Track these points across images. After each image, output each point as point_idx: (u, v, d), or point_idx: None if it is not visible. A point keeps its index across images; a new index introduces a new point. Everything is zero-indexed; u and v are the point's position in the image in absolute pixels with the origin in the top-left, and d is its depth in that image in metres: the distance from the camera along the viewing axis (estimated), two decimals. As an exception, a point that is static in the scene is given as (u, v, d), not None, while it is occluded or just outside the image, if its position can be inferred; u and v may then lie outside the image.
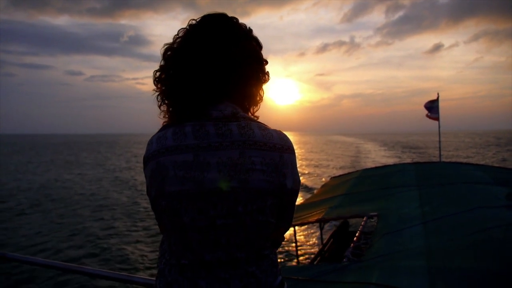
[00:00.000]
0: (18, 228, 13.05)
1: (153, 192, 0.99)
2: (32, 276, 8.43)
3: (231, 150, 0.93)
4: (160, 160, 0.96)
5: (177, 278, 0.98)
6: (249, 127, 0.97)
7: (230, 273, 0.96)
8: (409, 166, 9.36)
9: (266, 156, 0.95)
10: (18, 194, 20.06)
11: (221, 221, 0.94)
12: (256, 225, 0.97)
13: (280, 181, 0.98)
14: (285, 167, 0.99)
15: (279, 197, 1.00)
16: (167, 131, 0.99)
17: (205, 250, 0.95)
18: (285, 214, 1.09)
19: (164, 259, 1.03)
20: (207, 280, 0.95)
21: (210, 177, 0.92)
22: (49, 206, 16.82)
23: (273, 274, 1.03)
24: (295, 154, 1.05)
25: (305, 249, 9.97)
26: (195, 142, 0.94)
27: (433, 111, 10.69)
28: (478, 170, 7.83)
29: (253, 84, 1.07)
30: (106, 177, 28.03)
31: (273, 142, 0.97)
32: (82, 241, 11.36)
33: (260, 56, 1.08)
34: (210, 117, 0.97)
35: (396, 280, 3.38)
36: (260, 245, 1.00)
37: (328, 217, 5.82)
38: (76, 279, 8.17)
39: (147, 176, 1.00)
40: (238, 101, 1.04)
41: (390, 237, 4.58)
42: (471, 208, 5.16)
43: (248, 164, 0.93)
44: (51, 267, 2.04)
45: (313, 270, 4.11)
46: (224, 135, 0.95)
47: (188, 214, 0.94)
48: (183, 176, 0.93)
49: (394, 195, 6.39)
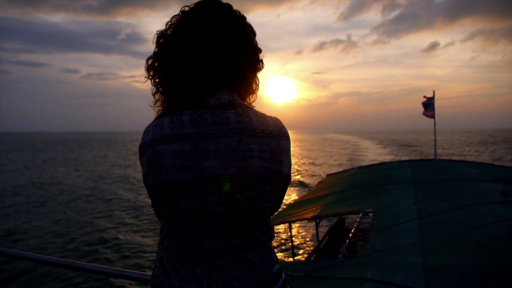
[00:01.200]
0: (31, 223, 13.21)
1: (150, 181, 0.98)
2: (25, 271, 8.46)
3: (229, 138, 0.93)
4: (156, 149, 0.95)
5: (175, 265, 0.97)
6: (246, 114, 0.97)
7: (228, 260, 0.96)
8: (404, 164, 9.40)
9: (264, 143, 0.96)
10: (32, 189, 20.71)
11: (218, 208, 0.94)
12: (254, 211, 0.97)
13: (277, 167, 0.98)
14: (282, 154, 1.00)
15: (276, 183, 1.00)
16: (163, 120, 0.97)
17: (202, 237, 0.95)
18: (277, 200, 1.10)
19: (163, 246, 1.03)
20: (204, 268, 0.95)
21: (208, 165, 0.92)
22: (63, 201, 17.25)
23: (270, 261, 1.03)
24: (290, 140, 1.05)
25: (301, 246, 9.99)
26: (193, 130, 0.93)
27: (429, 109, 10.73)
28: (473, 168, 7.87)
29: (248, 71, 1.06)
30: (112, 173, 28.68)
31: (270, 129, 0.98)
32: (95, 238, 11.48)
33: (254, 44, 1.07)
34: (207, 105, 0.96)
35: (391, 276, 3.37)
36: (257, 232, 1.00)
37: (323, 214, 5.83)
38: (68, 274, 8.22)
39: (144, 165, 0.99)
40: (234, 89, 1.04)
41: (385, 233, 4.58)
42: (466, 205, 5.18)
43: (246, 151, 0.93)
44: (45, 262, 2.01)
45: (308, 266, 4.11)
46: (221, 122, 0.94)
47: (185, 202, 0.93)
48: (180, 165, 0.92)
49: (390, 192, 6.40)
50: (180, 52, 0.97)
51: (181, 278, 0.96)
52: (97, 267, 1.82)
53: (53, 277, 8.27)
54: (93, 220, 13.65)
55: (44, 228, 12.57)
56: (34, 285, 7.98)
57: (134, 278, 1.64)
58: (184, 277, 0.96)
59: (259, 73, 1.10)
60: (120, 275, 1.67)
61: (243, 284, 0.96)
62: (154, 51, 1.01)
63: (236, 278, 0.95)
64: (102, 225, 12.89)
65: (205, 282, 0.94)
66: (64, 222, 13.33)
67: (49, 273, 8.37)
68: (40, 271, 8.45)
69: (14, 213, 14.94)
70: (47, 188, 21.29)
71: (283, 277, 1.07)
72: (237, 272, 0.96)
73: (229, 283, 0.95)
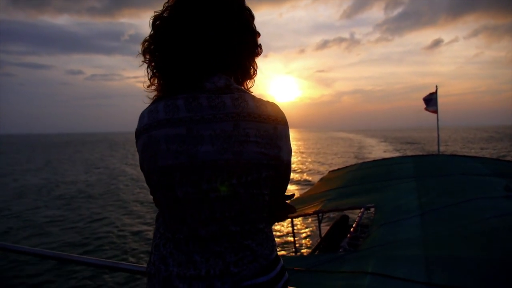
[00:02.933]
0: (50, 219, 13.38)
1: (146, 166, 0.97)
2: (17, 264, 8.54)
3: (225, 122, 0.91)
4: (152, 134, 0.93)
5: (172, 251, 0.96)
6: (243, 99, 0.95)
7: (225, 246, 0.94)
8: (407, 159, 9.35)
9: (261, 127, 0.93)
10: (71, 187, 21.41)
11: (214, 194, 0.92)
12: (251, 197, 0.95)
13: (275, 153, 0.96)
14: (280, 139, 0.97)
15: (274, 169, 0.98)
16: (158, 104, 0.95)
17: (199, 224, 0.94)
18: (280, 188, 1.07)
19: (159, 233, 1.01)
20: (202, 254, 0.94)
21: (203, 150, 0.90)
22: (82, 199, 17.51)
23: (269, 247, 1.01)
24: (288, 126, 1.02)
25: (304, 242, 9.95)
26: (188, 115, 0.92)
27: (432, 104, 10.64)
28: (477, 162, 7.82)
29: (246, 56, 1.03)
30: (124, 172, 28.94)
31: (267, 114, 0.95)
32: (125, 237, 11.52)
33: (253, 27, 1.04)
34: (203, 89, 0.94)
35: (392, 269, 3.36)
36: (254, 219, 0.98)
37: (325, 209, 5.81)
38: (63, 268, 8.29)
39: (139, 150, 0.98)
40: (231, 73, 1.01)
41: (387, 228, 4.56)
42: (469, 199, 5.15)
43: (242, 136, 0.91)
44: (39, 255, 2.01)
45: (309, 260, 4.10)
46: (217, 107, 0.92)
47: (181, 188, 0.92)
48: (175, 150, 0.91)
49: (392, 187, 6.37)
50: (176, 35, 0.95)
51: (178, 265, 0.95)
52: (92, 260, 1.81)
53: (50, 271, 8.38)
54: (110, 215, 13.99)
55: (65, 223, 12.89)
56: (31, 279, 8.06)
57: (129, 271, 1.64)
58: (181, 263, 0.95)
59: (257, 58, 1.08)
60: (116, 267, 1.66)
61: (241, 270, 0.94)
62: (150, 34, 0.99)
63: (234, 264, 0.94)
64: (121, 220, 13.16)
65: (203, 268, 0.93)
66: (86, 218, 13.63)
67: (47, 267, 8.49)
68: (37, 265, 8.58)
69: (34, 209, 15.21)
70: (65, 187, 21.62)
71: (282, 262, 1.06)
72: (235, 258, 0.94)
73: (227, 268, 0.93)
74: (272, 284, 0.99)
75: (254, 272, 0.96)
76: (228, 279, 0.93)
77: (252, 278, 0.95)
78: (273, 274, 1.00)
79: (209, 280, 0.93)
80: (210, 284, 0.93)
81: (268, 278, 0.98)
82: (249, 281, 0.95)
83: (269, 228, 1.06)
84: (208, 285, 0.93)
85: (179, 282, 0.94)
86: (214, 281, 0.93)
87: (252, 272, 0.96)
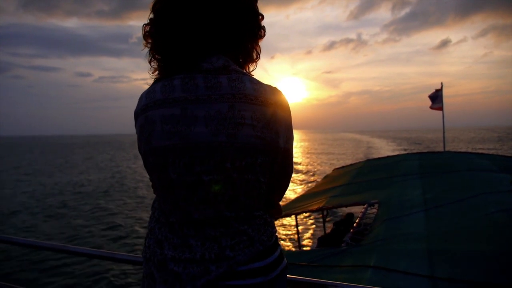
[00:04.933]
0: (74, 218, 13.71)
1: (142, 147, 0.95)
2: (13, 256, 8.69)
3: (220, 103, 0.89)
4: (148, 114, 0.92)
5: (167, 235, 0.95)
6: (240, 80, 0.92)
7: (221, 231, 0.92)
8: (412, 156, 9.23)
9: (257, 110, 0.90)
10: (102, 184, 22.97)
11: (208, 177, 0.89)
12: (246, 183, 0.92)
13: (272, 138, 0.92)
14: (278, 124, 0.94)
15: (271, 156, 0.95)
16: (156, 85, 0.95)
17: (192, 207, 0.92)
18: (279, 178, 1.04)
19: (155, 218, 1.00)
20: (197, 238, 0.92)
21: (197, 131, 0.88)
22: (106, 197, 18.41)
23: (267, 233, 0.97)
24: (290, 112, 0.99)
25: (308, 239, 9.87)
26: (183, 95, 0.90)
27: (437, 101, 10.51)
28: (483, 159, 7.71)
29: (247, 37, 1.00)
30: (137, 171, 29.75)
31: (266, 97, 0.92)
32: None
33: (255, 9, 1.01)
34: (200, 70, 0.92)
35: (395, 262, 3.32)
36: (250, 206, 0.95)
37: (328, 205, 5.77)
38: (62, 259, 8.47)
39: (137, 132, 0.97)
40: (231, 55, 0.99)
41: (390, 223, 4.51)
42: (474, 194, 5.08)
43: (237, 118, 0.88)
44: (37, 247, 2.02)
45: (311, 255, 4.06)
46: (213, 87, 0.90)
47: (174, 170, 0.90)
48: (169, 131, 0.89)
49: (396, 184, 6.31)
50: (175, 16, 0.93)
51: (173, 248, 0.93)
52: (89, 251, 1.82)
53: (46, 262, 8.52)
54: (132, 211, 14.44)
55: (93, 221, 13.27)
56: (28, 270, 8.16)
57: (127, 261, 1.64)
58: (176, 247, 0.93)
59: (261, 41, 1.05)
60: (113, 258, 1.67)
61: (237, 254, 0.92)
62: (150, 18, 0.98)
63: (230, 248, 0.92)
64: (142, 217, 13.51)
65: (198, 251, 0.91)
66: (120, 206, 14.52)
67: (44, 258, 8.64)
68: (34, 256, 8.73)
69: (61, 207, 15.98)
70: (94, 184, 23.12)
71: (280, 249, 1.02)
72: (231, 242, 0.92)
73: (223, 253, 0.91)
74: (269, 270, 0.96)
75: (250, 257, 0.93)
76: (223, 263, 0.91)
77: (247, 263, 0.93)
78: (270, 260, 0.97)
79: (204, 263, 0.91)
80: (205, 268, 0.91)
81: (264, 264, 0.95)
82: (244, 266, 0.93)
83: (268, 216, 1.02)
84: (203, 268, 0.91)
85: (174, 265, 0.92)
86: (209, 265, 0.91)
87: (247, 257, 0.93)
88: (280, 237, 9.82)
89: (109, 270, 8.01)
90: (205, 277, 0.91)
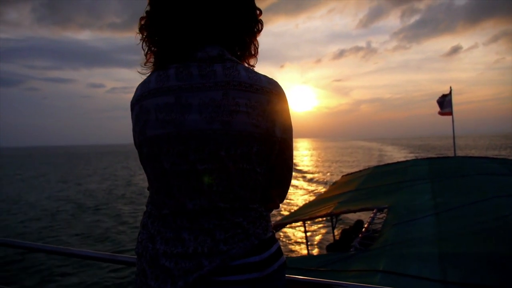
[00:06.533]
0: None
1: (137, 138, 0.95)
2: (15, 260, 8.76)
3: (214, 91, 0.89)
4: (143, 103, 0.92)
5: (159, 229, 0.93)
6: (235, 68, 0.92)
7: (214, 223, 0.90)
8: (421, 161, 9.10)
9: (252, 98, 0.90)
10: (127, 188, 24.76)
11: (202, 166, 0.88)
12: (241, 173, 0.90)
13: (267, 126, 0.91)
14: (274, 113, 0.93)
15: (267, 145, 0.93)
16: (152, 76, 0.95)
17: (186, 197, 0.90)
18: (278, 172, 1.01)
19: (148, 213, 0.99)
20: (191, 231, 0.90)
21: (191, 119, 0.87)
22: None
23: (262, 227, 0.95)
24: (287, 103, 0.97)
25: (317, 245, 9.74)
26: (178, 83, 0.90)
27: (446, 106, 10.37)
28: (494, 163, 7.57)
29: (244, 30, 1.00)
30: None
31: (261, 85, 0.92)
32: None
33: (252, 2, 1.01)
34: (195, 59, 0.92)
35: (405, 266, 3.22)
36: (245, 197, 0.93)
37: (337, 211, 5.69)
38: (61, 261, 8.58)
39: (133, 123, 0.96)
40: (228, 47, 0.98)
41: (400, 227, 4.41)
42: (487, 198, 4.96)
43: (232, 106, 0.88)
44: (38, 250, 2.01)
45: (319, 259, 3.99)
46: (207, 76, 0.90)
47: (168, 159, 0.89)
48: (163, 119, 0.88)
49: (406, 189, 6.21)
50: (171, 6, 0.94)
51: (166, 242, 0.91)
52: (88, 253, 1.80)
53: (44, 264, 8.60)
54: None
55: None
56: (27, 273, 8.24)
57: (124, 263, 1.62)
58: (168, 241, 0.91)
59: (258, 35, 1.04)
60: (110, 259, 1.65)
61: (231, 248, 0.89)
62: (146, 10, 0.98)
63: (224, 242, 0.89)
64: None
65: (191, 245, 0.89)
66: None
67: (42, 261, 8.71)
68: (32, 259, 8.80)
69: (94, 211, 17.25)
70: (121, 189, 24.93)
71: (278, 244, 0.99)
72: (225, 235, 0.90)
73: (216, 246, 0.89)
74: (265, 265, 0.93)
75: (244, 251, 0.91)
76: (216, 258, 0.89)
77: (242, 257, 0.90)
78: (267, 255, 0.94)
79: (197, 258, 0.89)
80: (197, 262, 0.88)
81: (260, 259, 0.92)
82: (239, 260, 0.90)
83: (263, 209, 1.00)
84: (195, 263, 0.88)
85: (165, 260, 0.90)
86: (201, 259, 0.88)
87: (242, 251, 0.90)
88: (289, 243, 9.73)
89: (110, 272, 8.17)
90: (197, 272, 0.88)
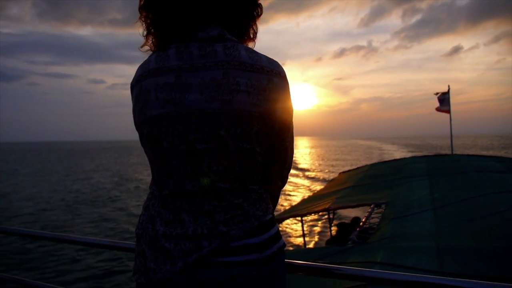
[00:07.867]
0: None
1: (137, 118, 0.94)
2: (15, 247, 8.80)
3: (215, 70, 0.88)
4: (143, 84, 0.92)
5: (160, 210, 0.93)
6: (235, 48, 0.92)
7: (214, 204, 0.90)
8: (419, 159, 9.12)
9: (253, 77, 0.89)
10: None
11: (202, 145, 0.88)
12: (241, 152, 0.90)
13: (268, 106, 0.91)
14: (274, 92, 0.93)
15: (267, 124, 0.93)
16: (152, 56, 0.95)
17: (185, 177, 0.90)
18: (278, 153, 1.01)
19: (150, 194, 0.99)
20: (190, 213, 0.90)
21: (191, 98, 0.87)
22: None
23: (262, 208, 0.95)
24: (288, 82, 0.97)
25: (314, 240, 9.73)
26: (178, 63, 0.90)
27: (444, 104, 10.39)
28: (491, 161, 7.60)
29: (244, 14, 1.00)
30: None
31: (261, 65, 0.92)
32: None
33: None
34: (195, 39, 0.92)
35: (402, 259, 3.23)
36: (245, 177, 0.93)
37: (334, 206, 5.70)
38: (63, 249, 8.61)
39: (132, 103, 0.96)
40: (227, 28, 0.98)
41: (398, 222, 4.43)
42: (483, 194, 4.98)
43: (232, 85, 0.87)
44: (39, 237, 2.01)
45: (317, 252, 4.00)
46: (208, 55, 0.90)
47: (167, 139, 0.89)
48: (163, 99, 0.88)
49: (404, 185, 6.23)
50: None
51: (165, 224, 0.91)
52: (90, 240, 1.80)
53: (49, 252, 8.62)
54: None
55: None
56: (31, 260, 8.22)
57: (123, 249, 1.62)
58: (169, 222, 0.91)
59: (258, 20, 1.04)
60: (113, 246, 1.65)
61: (230, 229, 0.89)
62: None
63: (223, 223, 0.89)
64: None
65: (190, 227, 0.89)
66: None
67: (46, 248, 8.74)
68: (35, 247, 8.81)
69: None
70: (129, 183, 25.41)
71: (277, 227, 0.99)
72: (224, 217, 0.89)
73: (216, 227, 0.89)
74: (264, 247, 0.92)
75: (244, 232, 0.90)
76: (216, 239, 0.88)
77: (242, 238, 0.90)
78: (266, 236, 0.93)
79: (196, 239, 0.88)
80: (197, 244, 0.88)
81: (259, 240, 0.91)
82: (238, 241, 0.89)
83: (264, 191, 0.99)
84: (195, 244, 0.88)
85: (165, 241, 0.90)
86: (201, 241, 0.88)
87: (241, 232, 0.90)
88: (286, 238, 9.72)
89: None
90: (197, 253, 0.88)
